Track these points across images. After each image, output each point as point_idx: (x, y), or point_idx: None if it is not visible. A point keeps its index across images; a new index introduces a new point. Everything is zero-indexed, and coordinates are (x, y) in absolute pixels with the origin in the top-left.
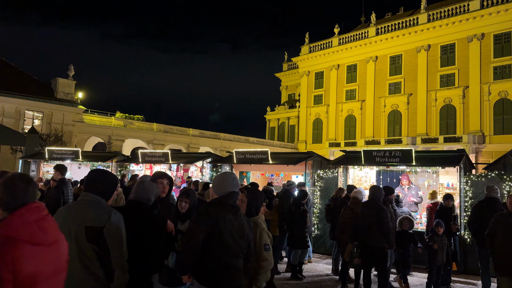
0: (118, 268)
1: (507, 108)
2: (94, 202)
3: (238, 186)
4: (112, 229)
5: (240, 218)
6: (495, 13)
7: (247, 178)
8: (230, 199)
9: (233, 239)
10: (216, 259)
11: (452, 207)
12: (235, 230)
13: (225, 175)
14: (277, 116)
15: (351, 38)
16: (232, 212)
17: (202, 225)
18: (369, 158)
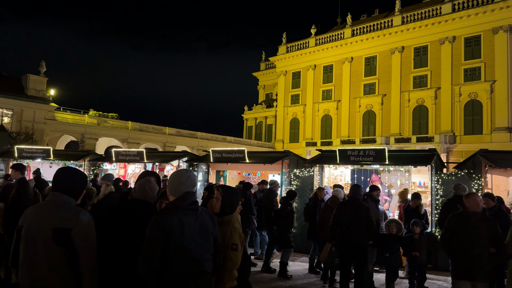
0: (88, 271)
1: (476, 109)
2: (62, 203)
3: (193, 185)
4: (81, 230)
5: (201, 217)
6: (466, 16)
7: (224, 177)
8: (185, 201)
9: (195, 243)
10: (179, 267)
11: (419, 206)
12: (197, 232)
13: (178, 174)
14: (255, 115)
15: (327, 39)
16: (190, 214)
17: (156, 239)
18: (344, 157)
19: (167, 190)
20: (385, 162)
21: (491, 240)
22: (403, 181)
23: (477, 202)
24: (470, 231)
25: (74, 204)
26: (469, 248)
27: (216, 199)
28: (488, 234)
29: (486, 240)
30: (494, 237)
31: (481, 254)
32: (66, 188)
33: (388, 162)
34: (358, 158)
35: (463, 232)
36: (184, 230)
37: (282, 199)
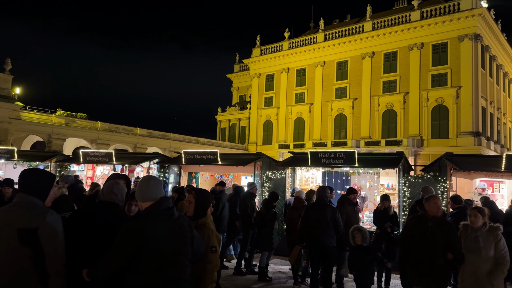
0: (54, 273)
1: (443, 114)
2: (27, 203)
3: (160, 187)
4: (47, 230)
5: (177, 222)
6: (434, 24)
7: (196, 179)
8: (160, 206)
9: (171, 250)
10: (151, 276)
11: (388, 207)
12: (173, 238)
13: (144, 181)
14: (228, 117)
15: (300, 43)
16: (165, 219)
17: (126, 244)
18: (316, 160)
19: (137, 200)
20: (355, 165)
21: (448, 245)
22: (372, 183)
23: (437, 205)
24: (427, 236)
25: (42, 205)
26: (425, 253)
27: (188, 203)
28: (446, 239)
29: (443, 245)
30: (452, 242)
31: (437, 260)
32: (32, 189)
33: (358, 164)
34: (329, 161)
35: (420, 236)
36: (159, 236)
37: (265, 201)
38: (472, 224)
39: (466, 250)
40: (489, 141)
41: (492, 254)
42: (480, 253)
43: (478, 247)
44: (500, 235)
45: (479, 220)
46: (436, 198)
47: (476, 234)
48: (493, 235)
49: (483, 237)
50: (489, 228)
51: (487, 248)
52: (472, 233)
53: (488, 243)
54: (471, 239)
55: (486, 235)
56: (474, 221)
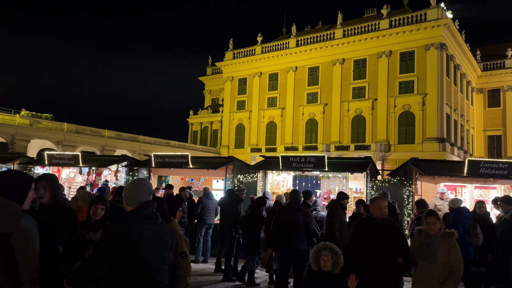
0: (27, 280)
1: (409, 120)
2: (2, 206)
3: (150, 193)
4: (21, 235)
5: (160, 227)
6: (402, 33)
7: (166, 183)
8: (146, 210)
9: (154, 253)
10: (134, 279)
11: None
12: (156, 242)
13: (133, 184)
14: (200, 120)
15: (273, 48)
16: (150, 223)
17: (111, 250)
18: (287, 164)
19: (123, 201)
20: (324, 169)
21: (397, 249)
22: (341, 187)
23: (380, 208)
24: (376, 239)
25: (18, 208)
26: (372, 258)
27: None
28: (395, 243)
29: (391, 249)
30: (401, 246)
31: (386, 265)
32: (8, 191)
33: (328, 168)
34: (300, 165)
35: (369, 240)
36: (143, 240)
37: (252, 205)
38: (430, 230)
39: (420, 256)
40: (453, 147)
41: (446, 261)
42: (434, 259)
43: (431, 253)
44: (454, 241)
45: (436, 226)
46: (381, 200)
47: (430, 240)
48: (448, 242)
49: (437, 243)
50: (444, 234)
51: (441, 255)
52: (426, 238)
53: (442, 250)
54: (425, 245)
55: (441, 241)
56: (433, 228)
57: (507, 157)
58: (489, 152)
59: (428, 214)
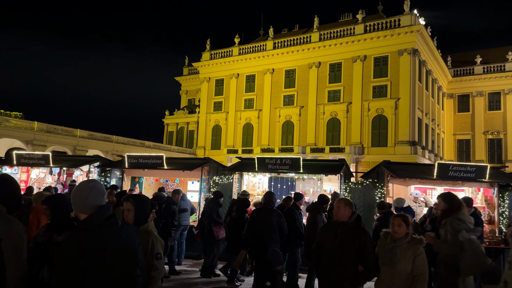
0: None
1: (383, 124)
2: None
3: (103, 195)
4: (11, 241)
5: (123, 230)
6: (376, 38)
7: (140, 184)
8: (99, 217)
9: (121, 262)
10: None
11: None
12: (121, 249)
13: (81, 187)
14: (176, 120)
15: (250, 49)
16: (108, 231)
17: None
18: (262, 165)
19: (73, 209)
20: (299, 171)
21: (359, 255)
22: (315, 188)
23: (340, 210)
24: (336, 244)
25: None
26: (331, 264)
27: (127, 211)
28: (357, 248)
29: (353, 255)
30: (363, 251)
31: (345, 272)
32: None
33: (303, 170)
34: (275, 166)
35: (328, 244)
36: (105, 250)
37: (237, 207)
38: (394, 234)
39: (382, 262)
40: (424, 150)
41: (409, 269)
42: (394, 266)
43: (394, 259)
44: (421, 249)
45: (402, 229)
46: (339, 201)
47: (395, 245)
48: (413, 249)
49: (401, 249)
50: (411, 240)
51: (403, 262)
52: (391, 243)
53: (405, 257)
54: (389, 250)
55: (406, 247)
56: (398, 230)
57: (475, 160)
58: (458, 156)
59: (396, 215)
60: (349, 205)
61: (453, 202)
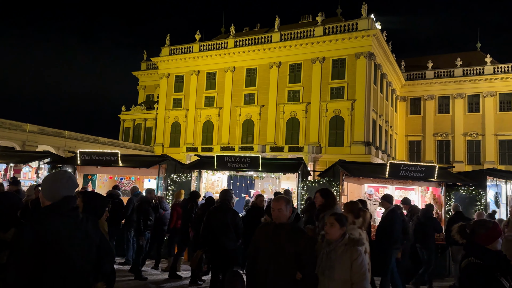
0: None
1: (339, 124)
2: None
3: (75, 188)
4: None
5: (83, 224)
6: (334, 40)
7: (93, 182)
8: (66, 206)
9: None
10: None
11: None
12: (79, 242)
13: (55, 175)
14: (133, 116)
15: (211, 47)
16: (71, 221)
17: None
18: (222, 163)
19: (41, 195)
20: (258, 169)
21: (297, 261)
22: (274, 187)
23: (274, 210)
24: (273, 248)
25: None
26: (265, 271)
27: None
28: (295, 252)
29: (290, 261)
30: (302, 257)
31: (281, 280)
32: None
33: (262, 169)
34: (235, 165)
35: (265, 248)
36: (66, 239)
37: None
38: (326, 235)
39: (317, 270)
40: (378, 151)
41: (348, 276)
42: (331, 274)
43: (330, 266)
44: (359, 251)
45: (334, 230)
46: (279, 200)
47: (330, 249)
48: (351, 252)
49: (337, 254)
50: (348, 242)
51: (340, 269)
52: (326, 247)
53: (342, 262)
54: (324, 255)
55: (342, 251)
56: (329, 231)
57: (425, 161)
58: (409, 156)
59: (331, 214)
60: (289, 203)
61: (329, 198)
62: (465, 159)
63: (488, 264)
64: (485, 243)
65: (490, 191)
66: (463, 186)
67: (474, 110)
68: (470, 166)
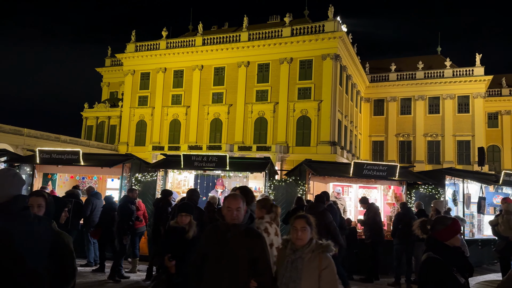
0: None
1: (306, 124)
2: None
3: (23, 186)
4: None
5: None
6: (302, 41)
7: (53, 181)
8: (15, 205)
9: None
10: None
11: None
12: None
13: (3, 173)
14: (97, 114)
15: (178, 44)
16: (21, 221)
17: None
18: (188, 162)
19: None
20: (226, 168)
21: (251, 268)
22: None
23: (230, 210)
24: (223, 253)
25: None
26: (217, 280)
27: (38, 207)
28: (250, 259)
29: (244, 268)
30: (257, 264)
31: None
32: None
33: (229, 168)
34: (202, 164)
35: (214, 253)
36: (16, 241)
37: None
38: (296, 241)
39: (280, 282)
40: (343, 150)
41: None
42: (296, 287)
43: (295, 277)
44: (329, 259)
45: (307, 235)
46: (234, 198)
47: (295, 257)
48: (320, 259)
49: (303, 262)
50: (316, 248)
51: (307, 280)
52: (291, 254)
53: (310, 271)
54: (289, 263)
55: (310, 258)
56: (301, 236)
57: (388, 160)
58: (373, 156)
59: (298, 216)
60: (244, 201)
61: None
62: (426, 159)
63: (446, 259)
64: (443, 239)
65: (448, 189)
66: (423, 184)
67: (434, 111)
68: (430, 165)
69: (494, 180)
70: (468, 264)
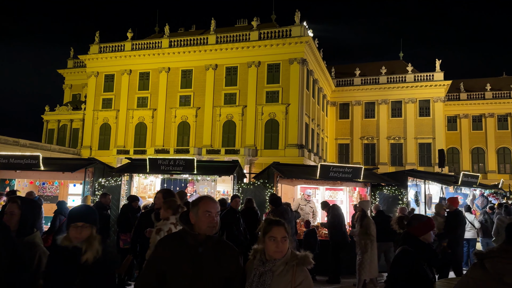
0: None
1: (274, 127)
2: None
3: None
4: None
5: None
6: (269, 45)
7: (11, 187)
8: None
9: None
10: None
11: None
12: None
13: None
14: (58, 117)
15: (144, 46)
16: None
17: None
18: (154, 166)
19: None
20: (193, 172)
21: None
22: (209, 189)
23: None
24: (190, 273)
25: None
26: None
27: (11, 215)
28: (224, 276)
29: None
30: (232, 283)
31: None
32: None
33: (197, 171)
34: (169, 168)
35: (178, 271)
36: None
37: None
38: (275, 253)
39: None
40: (310, 153)
41: None
42: None
43: None
44: (304, 272)
45: (286, 246)
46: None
47: (264, 270)
48: (292, 273)
49: (273, 276)
50: (290, 259)
51: None
52: (259, 266)
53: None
54: (254, 278)
55: (281, 272)
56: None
57: (353, 163)
58: (339, 158)
59: (274, 223)
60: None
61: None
62: (389, 161)
63: (418, 253)
64: (418, 234)
65: (410, 190)
66: (386, 186)
67: (397, 115)
68: (393, 167)
69: (453, 181)
70: (438, 261)
